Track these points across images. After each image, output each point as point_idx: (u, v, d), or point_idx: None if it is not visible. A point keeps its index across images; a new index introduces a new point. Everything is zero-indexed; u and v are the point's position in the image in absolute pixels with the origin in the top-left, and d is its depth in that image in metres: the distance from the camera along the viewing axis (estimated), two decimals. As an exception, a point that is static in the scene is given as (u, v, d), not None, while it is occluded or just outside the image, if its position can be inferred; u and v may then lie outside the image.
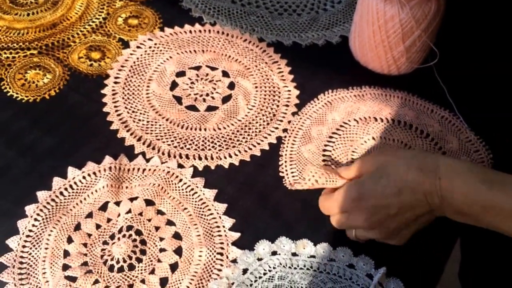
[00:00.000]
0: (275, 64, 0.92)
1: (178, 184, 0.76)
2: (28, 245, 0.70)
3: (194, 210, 0.74)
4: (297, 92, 0.88)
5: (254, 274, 0.68)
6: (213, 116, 0.84)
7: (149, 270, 0.68)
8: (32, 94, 0.86)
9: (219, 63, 0.91)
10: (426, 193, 0.63)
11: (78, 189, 0.75)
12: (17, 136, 0.81)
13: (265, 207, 0.75)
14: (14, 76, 0.87)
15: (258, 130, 0.83)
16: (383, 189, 0.64)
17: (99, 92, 0.87)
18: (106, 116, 0.84)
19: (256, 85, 0.89)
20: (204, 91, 0.87)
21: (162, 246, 0.70)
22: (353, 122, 0.83)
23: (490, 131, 0.83)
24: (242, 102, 0.86)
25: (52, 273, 0.68)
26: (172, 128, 0.83)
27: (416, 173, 0.63)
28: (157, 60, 0.91)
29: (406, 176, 0.64)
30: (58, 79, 0.88)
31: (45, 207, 0.73)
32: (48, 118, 0.84)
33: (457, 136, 0.82)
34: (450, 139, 0.82)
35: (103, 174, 0.76)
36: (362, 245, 0.70)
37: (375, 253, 0.70)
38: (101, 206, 0.74)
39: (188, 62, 0.91)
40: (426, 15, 0.80)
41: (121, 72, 0.89)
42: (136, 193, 0.75)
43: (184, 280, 0.68)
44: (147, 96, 0.86)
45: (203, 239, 0.71)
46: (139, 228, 0.72)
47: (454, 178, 0.62)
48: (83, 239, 0.71)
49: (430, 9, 0.80)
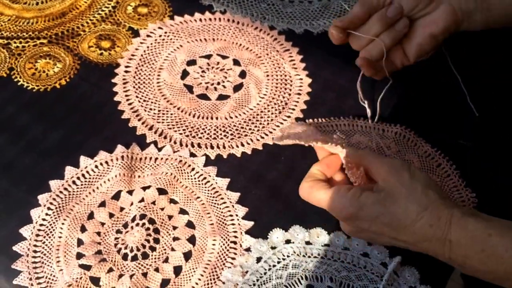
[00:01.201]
0: (286, 52, 0.92)
1: (190, 173, 0.77)
2: (42, 234, 0.71)
3: (207, 199, 0.75)
4: (309, 81, 0.88)
5: (268, 262, 0.69)
6: (224, 105, 0.85)
7: (163, 258, 0.69)
8: (42, 84, 0.86)
9: (230, 51, 0.92)
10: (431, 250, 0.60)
11: (90, 178, 0.76)
12: (29, 125, 0.82)
13: (278, 196, 0.76)
14: (24, 66, 0.88)
15: (270, 119, 0.83)
16: (383, 222, 0.60)
17: (109, 81, 0.87)
18: (117, 105, 0.84)
19: (268, 73, 0.89)
20: (215, 80, 0.88)
21: (176, 234, 0.71)
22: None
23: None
24: (253, 90, 0.86)
25: (66, 261, 0.69)
26: (184, 117, 0.83)
27: (426, 227, 0.58)
28: (168, 49, 0.92)
29: (413, 226, 0.58)
30: (69, 68, 0.88)
31: (58, 196, 0.74)
32: (59, 107, 0.84)
33: (416, 152, 0.79)
34: (410, 158, 0.78)
35: (115, 163, 0.77)
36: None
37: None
38: (114, 195, 0.75)
39: (199, 51, 0.91)
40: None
41: (131, 61, 0.90)
42: (148, 182, 0.75)
43: (198, 269, 0.69)
44: (158, 85, 0.87)
45: (216, 228, 0.72)
46: (152, 217, 0.72)
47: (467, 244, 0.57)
48: (96, 228, 0.72)
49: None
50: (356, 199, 0.60)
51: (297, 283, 0.67)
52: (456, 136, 0.81)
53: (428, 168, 0.78)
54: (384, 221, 0.59)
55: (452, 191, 0.75)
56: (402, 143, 0.80)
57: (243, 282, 0.67)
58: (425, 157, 0.79)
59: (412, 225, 0.58)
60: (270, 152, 0.80)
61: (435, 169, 0.78)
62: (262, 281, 0.67)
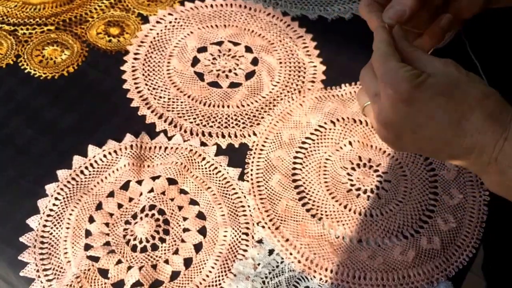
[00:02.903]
0: (300, 39, 0.91)
1: (201, 163, 0.76)
2: (49, 224, 0.71)
3: (218, 189, 0.74)
4: (323, 68, 0.87)
5: (281, 255, 0.68)
6: (236, 92, 0.84)
7: (173, 250, 0.69)
8: (50, 71, 0.86)
9: (242, 38, 0.90)
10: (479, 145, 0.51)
11: (98, 167, 0.76)
12: (36, 114, 0.82)
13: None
14: (32, 53, 0.88)
15: (283, 107, 0.82)
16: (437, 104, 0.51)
17: (118, 69, 0.87)
18: (126, 93, 0.84)
19: (281, 60, 0.88)
20: (227, 67, 0.87)
21: (186, 226, 0.71)
22: (330, 124, 0.80)
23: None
24: (266, 78, 0.85)
25: (74, 252, 0.69)
26: (194, 105, 0.82)
27: (482, 116, 0.50)
28: (178, 35, 0.91)
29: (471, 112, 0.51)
30: (77, 55, 0.88)
31: (66, 186, 0.74)
32: (67, 95, 0.84)
33: None
34: None
35: (124, 152, 0.76)
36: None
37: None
38: (123, 185, 0.74)
39: (210, 38, 0.91)
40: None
41: (140, 48, 0.89)
42: (158, 171, 0.75)
43: (209, 261, 0.68)
44: (168, 73, 0.86)
45: (227, 219, 0.71)
46: (161, 208, 0.72)
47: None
48: (105, 219, 0.71)
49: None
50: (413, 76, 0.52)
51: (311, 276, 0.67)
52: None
53: None
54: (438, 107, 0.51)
55: (466, 185, 0.74)
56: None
57: (255, 275, 0.66)
58: None
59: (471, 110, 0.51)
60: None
61: None
62: (274, 274, 0.67)
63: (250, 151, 0.77)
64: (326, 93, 0.83)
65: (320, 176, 0.75)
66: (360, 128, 0.79)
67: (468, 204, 0.73)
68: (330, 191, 0.73)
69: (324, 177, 0.75)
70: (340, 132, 0.78)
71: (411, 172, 0.75)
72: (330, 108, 0.81)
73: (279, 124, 0.80)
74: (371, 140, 0.78)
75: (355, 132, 0.79)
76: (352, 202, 0.72)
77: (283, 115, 0.81)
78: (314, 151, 0.77)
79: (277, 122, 0.80)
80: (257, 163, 0.76)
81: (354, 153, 0.77)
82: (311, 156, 0.77)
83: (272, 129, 0.79)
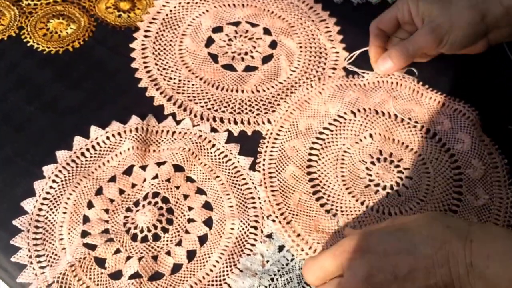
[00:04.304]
0: (322, 22, 0.87)
1: (210, 150, 0.73)
2: (45, 208, 0.68)
3: (227, 178, 0.71)
4: (346, 55, 0.83)
5: (291, 251, 0.65)
6: (251, 77, 0.81)
7: (176, 241, 0.66)
8: (54, 45, 0.83)
9: (261, 19, 0.87)
10: (450, 256, 0.52)
11: (101, 150, 0.73)
12: (38, 90, 0.79)
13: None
14: (36, 25, 0.85)
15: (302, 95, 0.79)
16: (396, 242, 0.54)
17: (127, 46, 0.84)
18: (134, 72, 0.81)
19: (301, 45, 0.84)
20: (243, 50, 0.84)
21: (191, 216, 0.68)
22: (350, 115, 0.76)
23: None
24: (284, 63, 0.82)
25: (69, 239, 0.66)
26: (206, 88, 0.79)
27: (442, 229, 0.53)
28: (192, 13, 0.88)
29: (429, 231, 0.53)
30: (83, 30, 0.85)
31: (65, 168, 0.71)
32: (71, 72, 0.81)
33: (471, 133, 0.74)
34: (461, 138, 0.74)
35: (129, 135, 0.73)
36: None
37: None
38: (126, 170, 0.71)
39: (226, 17, 0.87)
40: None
41: (152, 25, 0.86)
42: (164, 157, 0.72)
43: (214, 254, 0.65)
44: (179, 53, 0.83)
45: (236, 210, 0.68)
46: (166, 196, 0.69)
47: (491, 243, 0.52)
48: (104, 205, 0.68)
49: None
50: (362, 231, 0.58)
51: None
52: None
53: (477, 153, 0.73)
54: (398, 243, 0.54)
55: (493, 185, 0.70)
56: (459, 120, 0.76)
57: (262, 272, 0.63)
58: (479, 141, 0.74)
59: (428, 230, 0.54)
60: (300, 131, 0.76)
61: (485, 156, 0.73)
62: (283, 272, 0.63)
63: (263, 140, 0.74)
64: (347, 81, 0.80)
65: (337, 169, 0.71)
66: (382, 120, 0.76)
67: (494, 205, 0.69)
68: (346, 186, 0.70)
69: (341, 171, 0.71)
70: (360, 124, 0.75)
71: (435, 169, 0.71)
72: (351, 98, 0.78)
73: (295, 112, 0.76)
74: (393, 133, 0.74)
75: (376, 124, 0.75)
76: (370, 198, 0.69)
77: (300, 103, 0.77)
78: (332, 142, 0.74)
79: (294, 110, 0.77)
80: (270, 152, 0.73)
81: (374, 147, 0.73)
82: (328, 147, 0.73)
83: (288, 117, 0.76)
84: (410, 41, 0.75)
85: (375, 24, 0.79)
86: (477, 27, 0.72)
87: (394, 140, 0.74)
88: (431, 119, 0.76)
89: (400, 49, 0.75)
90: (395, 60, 0.76)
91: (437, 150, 0.73)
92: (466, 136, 0.74)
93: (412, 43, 0.75)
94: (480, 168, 0.72)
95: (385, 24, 0.79)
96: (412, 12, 0.76)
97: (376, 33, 0.79)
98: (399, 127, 0.75)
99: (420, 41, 0.74)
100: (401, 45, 0.76)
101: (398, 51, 0.76)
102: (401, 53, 0.75)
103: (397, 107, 0.77)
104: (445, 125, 0.75)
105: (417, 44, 0.74)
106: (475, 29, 0.72)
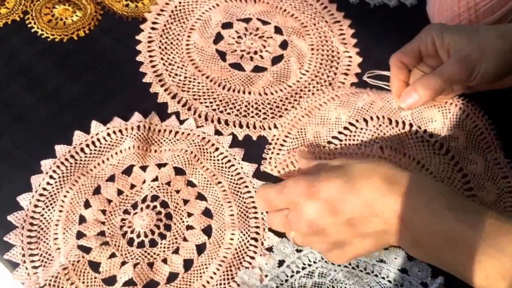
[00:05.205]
0: (336, 24, 0.85)
1: (213, 153, 0.72)
2: (41, 205, 0.67)
3: (230, 185, 0.70)
4: (359, 60, 0.82)
5: (291, 267, 0.64)
6: (260, 78, 0.79)
7: (173, 249, 0.65)
8: (58, 33, 0.82)
9: (272, 17, 0.85)
10: (385, 208, 0.56)
11: (101, 147, 0.72)
12: (39, 79, 0.78)
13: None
14: (41, 10, 0.83)
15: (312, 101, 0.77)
16: (339, 184, 0.58)
17: (133, 38, 0.82)
18: (138, 65, 0.79)
19: (313, 46, 0.83)
20: (252, 48, 0.82)
21: (190, 223, 0.67)
22: (362, 123, 0.74)
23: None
24: (294, 65, 0.80)
25: (64, 239, 0.65)
26: (212, 87, 0.78)
27: (380, 182, 0.57)
28: (202, 6, 0.86)
29: (372, 181, 0.57)
30: (89, 18, 0.83)
31: (63, 163, 0.70)
32: (74, 62, 0.80)
33: (484, 155, 0.73)
34: (474, 159, 0.72)
35: (130, 133, 0.72)
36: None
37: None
38: (125, 170, 0.70)
39: (237, 13, 0.85)
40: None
41: (160, 17, 0.84)
42: (165, 158, 0.71)
43: (211, 265, 0.64)
44: (187, 48, 0.81)
45: (236, 220, 0.67)
46: (165, 200, 0.68)
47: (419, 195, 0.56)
48: (102, 205, 0.67)
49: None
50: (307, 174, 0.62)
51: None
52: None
53: (491, 176, 0.72)
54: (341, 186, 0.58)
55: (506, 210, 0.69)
56: (474, 140, 0.74)
57: (261, 287, 0.62)
58: (493, 164, 0.72)
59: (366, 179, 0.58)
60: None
61: (499, 180, 0.71)
62: (282, 289, 0.62)
63: (268, 146, 0.73)
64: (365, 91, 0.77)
65: None
66: (395, 131, 0.74)
67: None
68: None
69: None
70: (372, 134, 0.73)
71: None
72: (365, 103, 0.75)
73: (304, 119, 0.75)
74: (405, 147, 0.72)
75: (388, 136, 0.73)
76: None
77: (310, 109, 0.76)
78: (339, 153, 0.72)
79: (302, 117, 0.75)
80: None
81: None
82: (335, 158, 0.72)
83: (296, 123, 0.75)
84: (438, 72, 0.69)
85: (397, 57, 0.73)
86: (507, 56, 0.68)
87: (405, 154, 0.72)
88: (448, 132, 0.73)
89: (427, 82, 0.69)
90: (421, 93, 0.69)
91: (449, 168, 0.71)
92: (479, 158, 0.72)
93: (440, 74, 0.68)
94: (493, 192, 0.70)
95: (407, 56, 0.73)
96: (437, 43, 0.71)
97: (398, 66, 0.73)
98: (412, 139, 0.73)
99: (450, 71, 0.68)
100: (427, 78, 0.69)
101: (424, 84, 0.69)
102: (428, 86, 0.68)
103: (415, 114, 0.74)
104: (460, 142, 0.73)
105: (445, 75, 0.68)
106: (506, 58, 0.68)
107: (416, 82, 0.70)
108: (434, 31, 0.71)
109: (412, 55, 0.73)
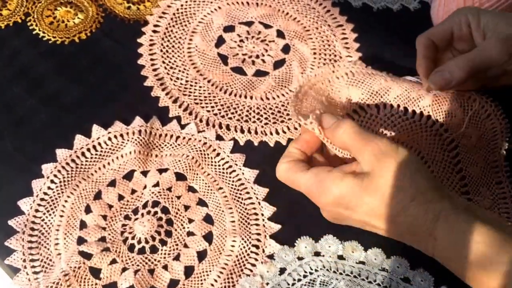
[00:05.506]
0: (339, 28, 0.85)
1: (214, 159, 0.72)
2: (42, 209, 0.67)
3: (231, 191, 0.70)
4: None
5: (293, 275, 0.64)
6: (261, 82, 0.79)
7: (174, 255, 0.65)
8: (60, 35, 0.81)
9: (275, 20, 0.85)
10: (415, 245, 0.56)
11: (102, 151, 0.72)
12: (40, 82, 0.78)
13: (312, 197, 0.70)
14: (42, 12, 0.83)
15: (312, 105, 0.77)
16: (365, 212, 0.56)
17: (135, 41, 0.82)
18: (140, 68, 0.79)
19: (315, 51, 0.82)
20: (254, 52, 0.82)
21: (191, 229, 0.67)
22: (373, 108, 0.70)
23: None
24: (296, 69, 0.80)
25: (65, 245, 0.65)
26: (214, 91, 0.78)
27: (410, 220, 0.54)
28: (204, 9, 0.86)
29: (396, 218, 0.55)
30: (91, 20, 0.83)
31: (64, 168, 0.70)
32: (75, 65, 0.80)
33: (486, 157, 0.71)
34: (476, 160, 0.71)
35: (131, 137, 0.72)
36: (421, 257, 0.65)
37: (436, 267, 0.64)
38: (126, 175, 0.70)
39: (239, 16, 0.85)
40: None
41: (161, 20, 0.84)
42: (166, 164, 0.71)
43: (212, 272, 0.64)
44: (188, 51, 0.81)
45: (237, 226, 0.67)
46: (166, 206, 0.68)
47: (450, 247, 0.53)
48: (103, 210, 0.67)
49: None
50: (336, 185, 0.56)
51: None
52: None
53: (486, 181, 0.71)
54: (366, 210, 0.55)
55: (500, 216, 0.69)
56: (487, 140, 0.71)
57: (261, 295, 0.62)
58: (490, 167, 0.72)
59: (395, 217, 0.54)
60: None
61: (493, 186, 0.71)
62: (283, 297, 0.63)
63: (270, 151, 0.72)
64: None
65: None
66: (409, 122, 0.70)
67: None
68: None
69: None
70: (381, 124, 0.69)
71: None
72: (381, 87, 0.70)
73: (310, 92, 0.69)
74: (414, 140, 0.69)
75: (400, 127, 0.69)
76: None
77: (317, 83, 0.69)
78: None
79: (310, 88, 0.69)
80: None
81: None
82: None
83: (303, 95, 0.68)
84: (476, 51, 0.64)
85: (425, 35, 0.69)
86: None
87: (412, 148, 0.70)
88: (465, 129, 0.70)
89: (463, 60, 0.64)
90: (455, 73, 0.63)
91: (449, 169, 0.70)
92: (481, 159, 0.71)
93: (479, 53, 0.64)
94: (488, 197, 0.70)
95: (437, 37, 0.69)
96: (472, 25, 0.67)
97: (427, 44, 0.69)
98: (426, 132, 0.69)
99: (490, 50, 0.63)
100: (463, 56, 0.64)
101: (459, 63, 0.64)
102: (463, 65, 0.63)
103: (435, 106, 0.69)
104: (472, 141, 0.70)
105: (485, 54, 0.63)
106: None
107: (449, 61, 0.66)
108: (469, 12, 0.67)
109: (443, 36, 0.69)
